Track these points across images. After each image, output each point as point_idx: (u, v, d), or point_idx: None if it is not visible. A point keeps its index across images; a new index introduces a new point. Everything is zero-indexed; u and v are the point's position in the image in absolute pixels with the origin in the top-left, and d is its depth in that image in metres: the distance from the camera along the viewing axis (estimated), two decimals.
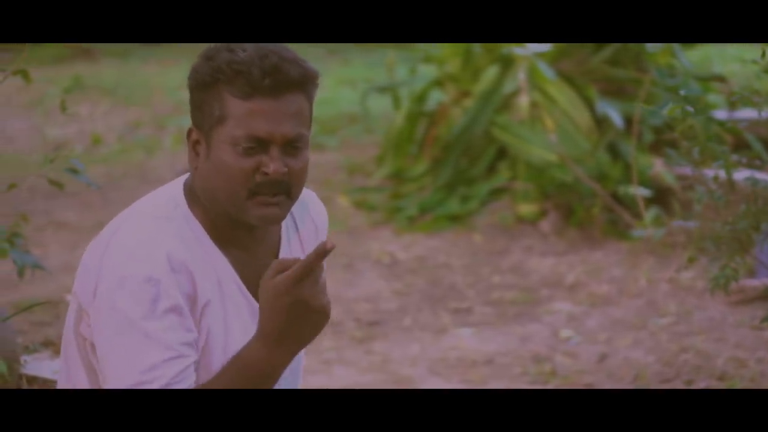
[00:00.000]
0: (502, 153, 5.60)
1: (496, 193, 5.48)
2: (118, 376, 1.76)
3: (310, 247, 1.97)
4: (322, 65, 9.40)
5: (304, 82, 1.81)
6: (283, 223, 1.94)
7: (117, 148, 6.91)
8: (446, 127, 5.74)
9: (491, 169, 5.59)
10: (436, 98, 6.02)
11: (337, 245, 5.74)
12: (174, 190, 1.87)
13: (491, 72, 5.62)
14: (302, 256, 1.94)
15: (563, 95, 5.42)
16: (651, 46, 4.30)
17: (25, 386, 2.70)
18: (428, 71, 6.29)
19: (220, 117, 1.79)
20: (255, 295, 1.86)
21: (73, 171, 2.95)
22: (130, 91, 8.04)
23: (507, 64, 5.55)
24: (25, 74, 2.79)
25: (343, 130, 6.89)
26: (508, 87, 4.47)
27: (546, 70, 4.08)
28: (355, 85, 7.82)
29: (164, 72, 8.56)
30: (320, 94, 7.24)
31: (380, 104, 6.89)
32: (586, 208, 5.21)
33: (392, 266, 4.99)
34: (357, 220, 5.49)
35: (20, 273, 2.88)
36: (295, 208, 1.94)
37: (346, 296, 4.66)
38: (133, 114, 7.57)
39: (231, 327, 1.84)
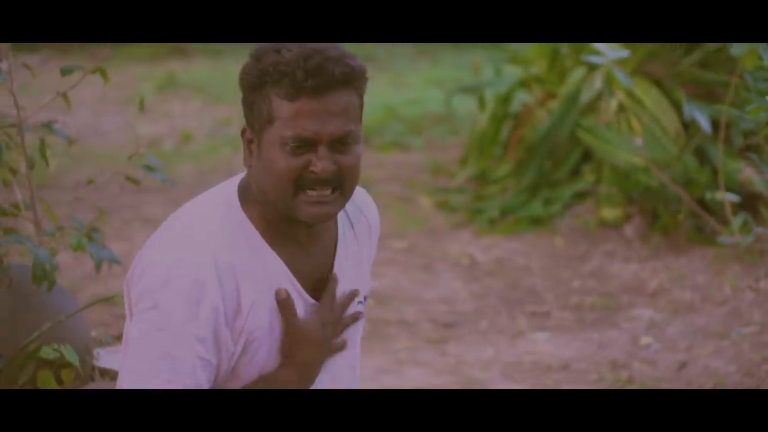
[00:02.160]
0: (586, 156, 5.53)
1: (580, 196, 5.42)
2: (146, 372, 1.79)
3: (364, 244, 1.98)
4: (411, 65, 9.42)
5: (350, 80, 1.81)
6: (340, 220, 1.95)
7: (206, 146, 7.01)
8: (531, 128, 5.70)
9: (575, 172, 5.53)
10: (521, 99, 5.98)
11: (417, 246, 5.69)
12: (229, 189, 1.89)
13: (577, 74, 5.56)
14: (357, 253, 1.96)
15: (650, 98, 5.34)
16: (735, 49, 4.19)
17: (97, 378, 2.75)
18: (514, 72, 6.25)
19: (269, 118, 1.81)
20: (310, 291, 1.89)
21: (149, 168, 3.00)
22: (221, 89, 8.16)
23: (593, 66, 5.47)
24: (103, 73, 2.84)
25: (428, 131, 6.89)
26: (585, 96, 4.43)
27: (623, 78, 4.00)
28: (443, 85, 7.81)
29: None
30: (407, 94, 7.21)
31: (467, 105, 6.87)
32: (672, 213, 5.11)
33: (471, 268, 4.96)
34: (438, 221, 5.48)
35: (97, 267, 2.94)
36: (349, 206, 1.96)
37: (423, 297, 4.65)
38: (223, 112, 7.67)
39: (277, 325, 1.86)
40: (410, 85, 8.06)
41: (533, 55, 5.85)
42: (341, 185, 1.83)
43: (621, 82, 4.12)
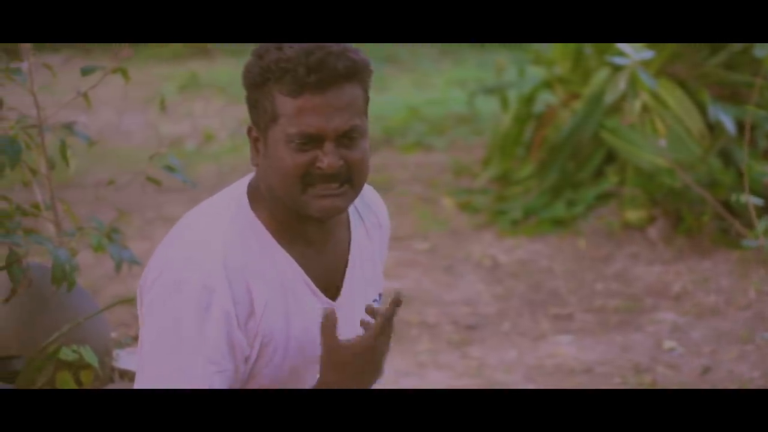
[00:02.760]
0: (610, 157, 5.49)
1: (603, 197, 5.38)
2: (154, 377, 1.78)
3: (376, 243, 1.97)
4: (434, 65, 9.38)
5: (353, 74, 1.78)
6: (352, 219, 1.94)
7: (228, 145, 7.01)
8: (554, 129, 5.66)
9: (599, 174, 5.49)
10: (544, 100, 5.94)
11: (439, 247, 5.65)
12: (238, 190, 1.88)
13: (601, 75, 5.51)
14: (371, 252, 1.94)
15: (675, 99, 5.29)
16: (759, 50, 4.15)
17: (117, 380, 2.75)
18: (537, 73, 6.21)
19: (273, 115, 1.79)
20: (324, 289, 1.87)
21: (170, 168, 3.00)
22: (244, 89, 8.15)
23: (618, 66, 5.43)
24: (124, 72, 2.84)
25: (451, 131, 6.86)
26: (609, 97, 4.40)
27: (647, 79, 3.97)
28: (466, 85, 7.78)
29: None
30: (430, 94, 7.15)
31: (491, 105, 6.83)
32: (696, 215, 5.07)
33: (493, 269, 4.93)
34: (460, 222, 5.46)
35: (117, 268, 2.94)
36: (359, 205, 1.95)
37: (444, 299, 4.62)
38: (245, 112, 7.66)
39: (293, 326, 1.84)
40: (433, 86, 8.04)
41: (557, 55, 5.81)
42: (350, 180, 1.80)
43: (645, 83, 4.11)
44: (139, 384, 1.81)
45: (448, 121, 7.02)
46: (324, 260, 1.88)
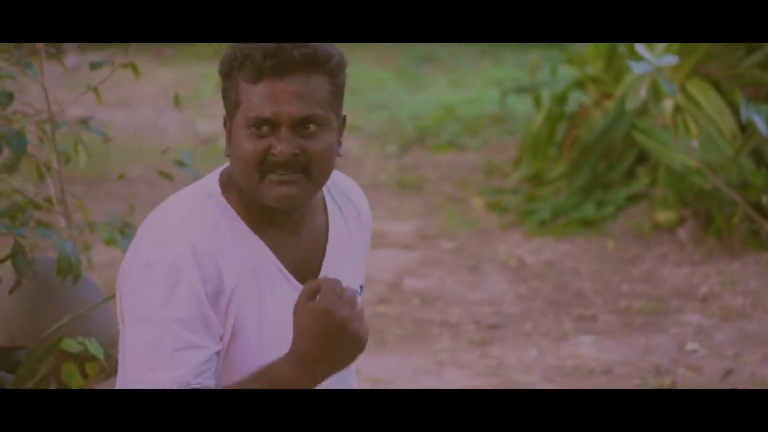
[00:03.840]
0: (642, 157, 5.44)
1: (634, 198, 5.33)
2: (134, 362, 1.80)
3: (355, 231, 1.97)
4: (472, 65, 9.30)
5: (310, 62, 1.79)
6: (329, 205, 1.94)
7: None
8: (586, 129, 5.62)
9: (630, 174, 5.44)
10: (577, 100, 5.90)
11: (466, 246, 5.60)
12: (211, 179, 1.90)
13: (634, 75, 5.46)
14: (349, 240, 1.95)
15: (707, 99, 5.23)
16: None
17: None
18: (570, 72, 6.17)
19: (236, 102, 1.82)
20: (297, 275, 1.88)
21: (181, 164, 3.02)
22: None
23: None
24: (134, 68, 2.86)
25: (485, 131, 6.84)
26: (630, 104, 4.36)
27: (667, 87, 3.92)
28: (503, 85, 7.75)
29: None
30: (467, 94, 7.10)
31: (525, 105, 6.80)
32: (726, 217, 5.00)
33: (519, 270, 4.91)
34: (488, 222, 5.43)
35: None
36: (336, 193, 1.95)
37: (468, 298, 4.61)
38: None
39: (266, 309, 1.84)
40: (470, 85, 8.02)
41: (590, 55, 5.77)
42: (307, 171, 1.81)
43: (666, 91, 4.05)
44: (121, 372, 1.83)
45: (482, 121, 7.00)
46: (299, 248, 1.88)
